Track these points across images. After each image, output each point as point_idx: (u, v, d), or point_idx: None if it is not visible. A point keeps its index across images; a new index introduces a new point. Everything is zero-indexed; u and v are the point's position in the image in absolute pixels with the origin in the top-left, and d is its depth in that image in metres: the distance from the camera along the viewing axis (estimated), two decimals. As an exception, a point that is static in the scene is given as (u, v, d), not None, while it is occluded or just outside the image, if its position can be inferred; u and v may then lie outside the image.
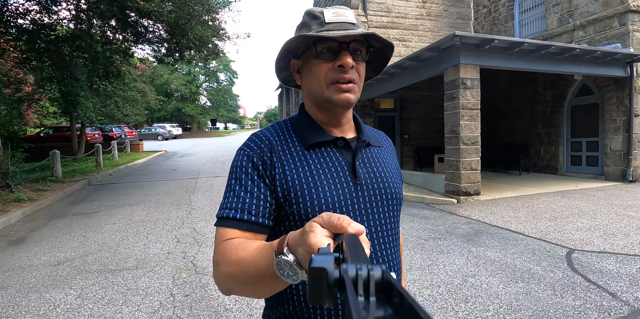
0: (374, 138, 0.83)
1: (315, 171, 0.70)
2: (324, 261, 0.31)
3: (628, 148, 7.32)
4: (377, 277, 0.27)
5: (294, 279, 0.47)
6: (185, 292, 2.82)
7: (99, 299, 2.76)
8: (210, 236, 4.30)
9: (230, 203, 0.68)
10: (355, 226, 0.42)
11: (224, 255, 0.60)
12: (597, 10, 7.83)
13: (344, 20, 0.68)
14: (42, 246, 4.15)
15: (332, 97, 0.70)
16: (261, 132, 0.77)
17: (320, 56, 0.69)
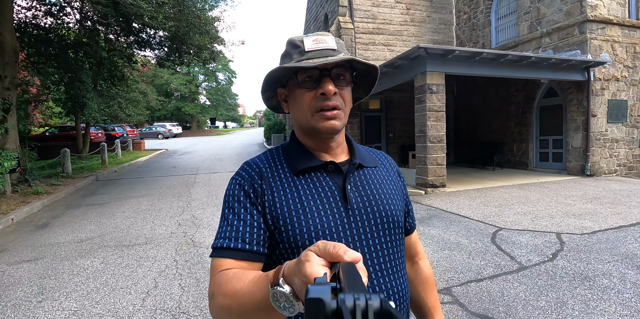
0: (370, 159, 0.81)
1: (304, 198, 0.69)
2: (321, 291, 0.30)
3: (586, 146, 8.08)
4: (376, 307, 0.27)
5: (291, 311, 0.45)
6: (186, 259, 3.60)
7: (118, 264, 3.53)
8: (207, 220, 5.07)
9: (224, 233, 0.67)
10: (351, 254, 0.41)
11: (220, 287, 0.59)
12: (560, 19, 8.57)
13: (324, 47, 0.69)
14: (65, 229, 4.93)
15: (317, 125, 0.70)
16: (252, 160, 0.78)
17: (303, 85, 0.69)
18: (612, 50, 8.24)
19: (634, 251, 3.33)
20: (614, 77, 8.25)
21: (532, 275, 2.92)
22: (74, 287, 3.05)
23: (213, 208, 5.86)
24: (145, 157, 14.82)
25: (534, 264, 3.13)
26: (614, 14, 8.26)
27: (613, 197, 5.74)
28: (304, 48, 0.69)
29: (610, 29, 8.25)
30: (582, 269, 2.99)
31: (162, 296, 2.83)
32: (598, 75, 8.08)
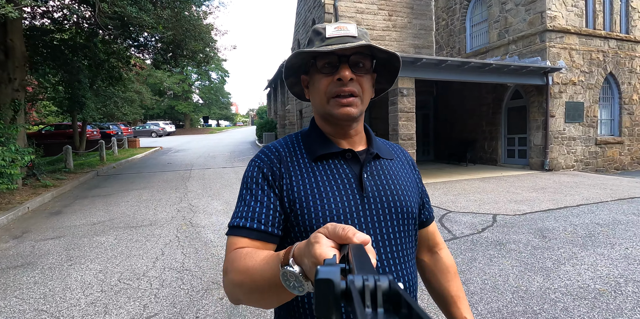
0: (386, 151, 0.83)
1: (321, 183, 0.71)
2: (330, 272, 0.30)
3: (545, 143, 8.97)
4: (385, 287, 0.27)
5: (300, 290, 0.47)
6: (185, 235, 4.34)
7: (129, 239, 4.26)
8: (202, 207, 5.81)
9: (240, 212, 0.69)
10: (360, 236, 0.42)
11: (233, 263, 0.62)
12: (524, 28, 9.43)
13: (344, 34, 0.70)
14: (77, 215, 5.63)
15: (333, 111, 0.71)
16: (272, 144, 0.79)
17: (321, 70, 0.70)
18: (570, 57, 9.13)
19: (547, 226, 4.16)
20: (571, 82, 9.14)
21: (460, 242, 3.72)
22: (96, 255, 3.78)
23: (208, 198, 6.59)
24: (141, 154, 15.43)
25: (464, 235, 3.94)
26: (572, 24, 9.15)
27: (557, 187, 6.60)
28: (325, 35, 0.70)
29: (568, 38, 9.13)
30: (499, 239, 3.81)
31: (169, 260, 3.58)
32: (556, 80, 8.95)
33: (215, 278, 3.12)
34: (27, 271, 3.42)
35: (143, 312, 2.59)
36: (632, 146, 10.31)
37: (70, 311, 2.64)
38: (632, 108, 10.21)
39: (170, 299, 2.76)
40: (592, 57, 9.46)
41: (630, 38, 10.05)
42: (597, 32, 9.52)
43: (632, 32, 10.15)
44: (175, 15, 6.88)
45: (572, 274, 2.90)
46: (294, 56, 0.71)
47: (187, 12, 6.94)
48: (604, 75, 9.67)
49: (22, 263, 3.66)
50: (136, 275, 3.24)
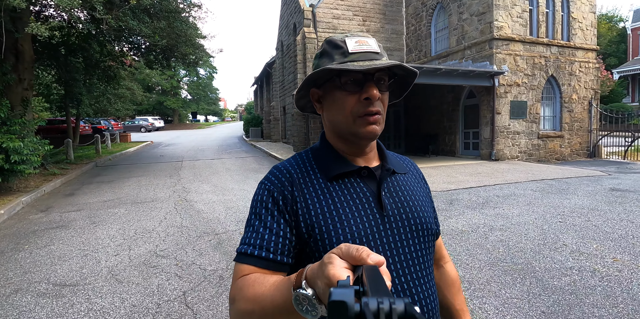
0: (399, 165, 0.80)
1: (339, 204, 0.68)
2: (344, 294, 0.30)
3: (492, 137, 10.36)
4: (400, 311, 0.26)
5: (313, 315, 0.45)
6: (182, 207, 5.54)
7: (137, 210, 5.43)
8: (194, 189, 6.98)
9: (249, 239, 0.67)
10: (374, 257, 0.41)
11: (241, 291, 0.60)
12: (477, 36, 10.77)
13: (367, 50, 0.68)
14: (88, 195, 6.74)
15: (359, 130, 0.69)
16: (282, 164, 0.76)
17: (345, 87, 0.68)
18: (514, 61, 10.51)
19: (459, 198, 5.49)
20: (515, 83, 10.53)
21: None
22: (113, 221, 4.94)
23: (198, 182, 7.76)
24: (133, 148, 16.40)
25: (394, 204, 5.24)
26: (517, 33, 10.52)
27: (490, 172, 7.98)
28: (347, 49, 0.68)
29: (513, 45, 10.50)
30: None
31: (170, 221, 4.77)
32: (502, 82, 10.33)
33: (205, 230, 4.34)
34: (63, 230, 4.58)
35: (156, 249, 3.79)
36: (572, 139, 11.80)
37: (105, 249, 3.82)
38: (571, 106, 11.68)
39: (174, 241, 3.98)
40: (535, 62, 10.86)
41: (570, 45, 11.49)
42: (540, 40, 10.92)
43: (573, 40, 11.58)
44: (169, 25, 7.96)
45: (451, 223, 4.21)
46: (319, 71, 0.67)
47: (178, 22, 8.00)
48: (546, 78, 11.09)
49: (56, 226, 4.81)
50: (147, 230, 4.43)
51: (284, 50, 16.72)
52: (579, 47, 11.63)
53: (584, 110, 11.91)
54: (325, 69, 0.66)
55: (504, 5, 10.29)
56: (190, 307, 2.58)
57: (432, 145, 12.38)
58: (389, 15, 14.12)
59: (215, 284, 2.93)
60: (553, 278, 2.77)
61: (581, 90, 11.78)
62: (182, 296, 2.74)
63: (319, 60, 0.72)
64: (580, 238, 3.62)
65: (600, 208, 4.78)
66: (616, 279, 2.72)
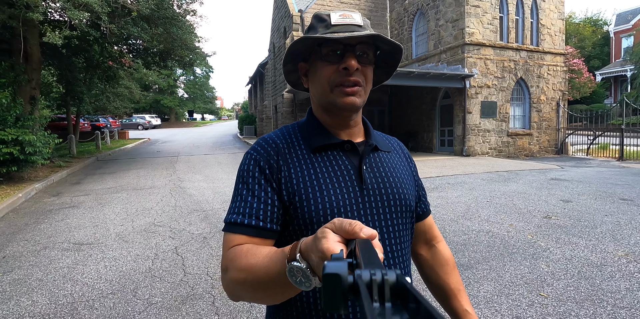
0: (384, 143, 0.82)
1: (320, 175, 0.70)
2: (338, 267, 0.31)
3: (464, 134, 11.26)
4: (392, 282, 0.27)
5: (307, 286, 0.47)
6: (176, 192, 6.39)
7: (138, 195, 6.27)
8: (188, 179, 7.82)
9: (237, 208, 0.68)
10: (367, 231, 0.42)
11: (233, 261, 0.60)
12: (451, 41, 11.66)
13: (350, 22, 0.68)
14: (93, 184, 7.57)
15: (337, 100, 0.69)
16: (268, 135, 0.77)
17: (326, 58, 0.69)
18: (485, 65, 11.41)
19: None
20: (485, 85, 11.43)
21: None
22: (117, 202, 5.78)
23: (192, 173, 8.60)
24: (131, 145, 17.19)
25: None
26: (487, 39, 11.42)
27: (455, 166, 8.87)
28: (330, 21, 0.69)
29: (484, 50, 11.40)
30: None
31: (166, 202, 5.62)
32: (473, 84, 11.22)
33: (195, 208, 5.19)
34: (75, 209, 5.42)
35: (154, 221, 4.64)
36: (540, 137, 12.73)
37: (112, 221, 4.67)
38: (540, 106, 12.60)
39: (169, 216, 4.83)
40: (505, 65, 11.76)
41: (539, 49, 12.41)
42: (510, 45, 11.82)
43: (541, 45, 12.50)
44: (166, 31, 8.77)
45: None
46: (299, 42, 0.69)
47: (175, 28, 8.82)
48: (515, 80, 12.00)
49: (68, 206, 5.65)
50: (146, 209, 5.28)
51: (275, 51, 17.55)
52: (547, 51, 12.56)
53: (552, 110, 12.83)
54: (305, 39, 0.67)
55: (475, 13, 11.18)
56: (179, 255, 3.44)
57: (412, 142, 13.28)
58: (374, 19, 14.98)
59: (200, 242, 3.79)
60: (455, 236, 3.65)
61: (549, 91, 12.70)
62: (174, 249, 3.60)
63: (306, 33, 0.72)
64: (495, 212, 4.51)
65: (529, 192, 5.68)
66: (501, 237, 3.61)
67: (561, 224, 3.99)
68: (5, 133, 6.58)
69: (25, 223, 4.75)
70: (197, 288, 2.76)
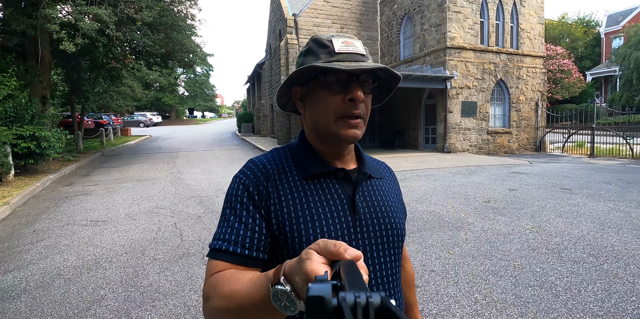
0: (376, 170, 0.81)
1: (312, 204, 0.69)
2: (321, 289, 0.30)
3: (445, 132, 12.04)
4: (376, 304, 0.27)
5: (292, 310, 0.45)
6: (176, 182, 7.19)
7: (142, 184, 7.08)
8: (186, 171, 8.62)
9: (223, 234, 0.66)
10: (352, 252, 0.42)
11: (216, 289, 0.58)
12: (434, 45, 12.41)
13: (353, 51, 0.68)
14: (101, 176, 8.37)
15: (339, 132, 0.69)
16: (258, 158, 0.75)
17: (329, 87, 0.68)
18: (466, 67, 12.16)
19: (388, 176, 7.16)
20: (466, 86, 12.19)
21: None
22: (124, 191, 6.59)
23: (190, 167, 9.40)
24: (133, 141, 17.99)
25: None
26: (468, 42, 12.16)
27: (432, 161, 9.65)
28: (333, 48, 0.68)
29: (465, 53, 12.15)
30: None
31: (167, 190, 6.43)
32: (454, 85, 11.99)
33: (192, 195, 5.99)
34: (88, 196, 6.23)
35: (157, 205, 5.45)
36: (519, 135, 13.50)
37: (121, 205, 5.48)
38: (519, 106, 13.36)
39: (169, 201, 5.64)
40: (485, 67, 12.52)
41: (518, 52, 13.15)
42: (490, 48, 12.57)
43: (521, 48, 13.24)
44: (167, 36, 9.55)
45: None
46: (308, 70, 0.67)
47: (175, 33, 9.60)
48: (495, 81, 12.76)
49: (81, 193, 6.46)
50: (150, 195, 6.09)
51: (271, 52, 18.30)
52: (526, 54, 13.30)
53: (531, 109, 13.60)
54: (310, 67, 0.66)
55: (457, 18, 11.93)
56: (178, 228, 4.25)
57: (399, 140, 14.06)
58: (365, 22, 15.72)
59: (195, 219, 4.60)
60: (404, 214, 4.46)
61: (528, 92, 13.46)
62: (174, 224, 4.40)
63: (303, 58, 0.72)
64: (445, 198, 5.31)
65: (484, 182, 6.48)
66: (440, 215, 4.41)
67: (495, 206, 4.79)
68: (24, 130, 7.38)
69: (47, 207, 5.56)
70: (191, 249, 3.57)
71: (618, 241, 3.47)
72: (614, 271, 2.84)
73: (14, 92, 7.20)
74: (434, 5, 12.30)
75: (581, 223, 4.02)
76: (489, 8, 12.52)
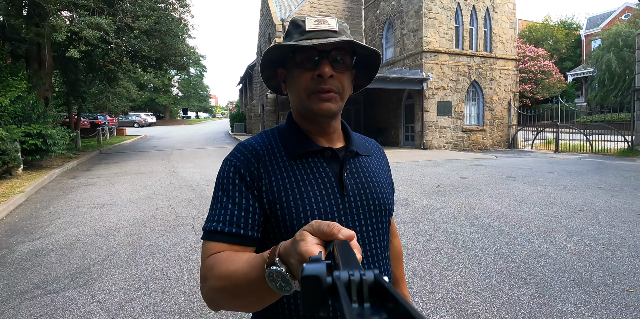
0: (364, 147, 0.83)
1: (302, 183, 0.70)
2: (316, 269, 0.31)
3: (422, 130, 12.94)
4: (370, 281, 0.28)
5: (287, 290, 0.46)
6: (171, 175, 7.99)
7: (140, 177, 7.87)
8: (180, 166, 9.41)
9: (217, 216, 0.67)
10: (345, 232, 0.43)
11: (212, 270, 0.60)
12: (412, 49, 13.31)
13: (325, 28, 0.68)
14: (102, 170, 9.13)
15: (313, 107, 0.70)
16: (248, 141, 0.77)
17: (301, 65, 0.69)
18: (441, 69, 13.08)
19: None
20: (442, 87, 13.11)
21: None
22: (124, 182, 7.37)
23: (184, 162, 10.20)
24: (129, 140, 18.70)
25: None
26: (443, 46, 13.08)
27: (407, 156, 10.53)
28: (304, 28, 0.69)
29: (441, 56, 13.07)
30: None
31: (163, 181, 7.23)
32: (430, 86, 12.89)
33: (185, 184, 6.80)
34: (92, 187, 7.01)
35: (154, 192, 6.25)
36: (493, 133, 14.45)
37: (123, 193, 6.27)
38: (492, 106, 14.31)
39: (165, 189, 6.45)
40: (460, 70, 13.45)
41: (492, 55, 14.10)
42: (464, 52, 13.50)
43: (494, 51, 14.19)
44: (162, 41, 10.34)
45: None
46: (272, 49, 0.69)
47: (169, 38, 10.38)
48: (469, 82, 13.69)
49: (86, 185, 7.23)
50: (148, 185, 6.89)
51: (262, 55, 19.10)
52: (499, 57, 14.26)
53: (504, 109, 14.56)
54: (277, 46, 0.68)
55: (433, 24, 12.84)
56: (173, 208, 5.07)
57: (381, 137, 14.96)
58: (350, 27, 16.56)
59: (187, 202, 5.42)
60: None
61: (501, 92, 14.42)
62: (169, 206, 5.22)
63: (284, 40, 0.73)
64: (403, 184, 6.18)
65: (443, 173, 7.36)
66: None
67: (442, 190, 5.67)
68: (31, 128, 8.13)
69: (57, 195, 6.34)
70: (183, 222, 4.40)
71: (525, 213, 4.36)
72: (507, 231, 3.72)
73: (23, 94, 7.95)
74: (412, 12, 13.20)
75: (504, 201, 4.91)
76: (463, 14, 13.45)
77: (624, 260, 2.97)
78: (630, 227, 3.77)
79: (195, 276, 2.94)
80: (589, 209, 4.47)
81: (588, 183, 6.15)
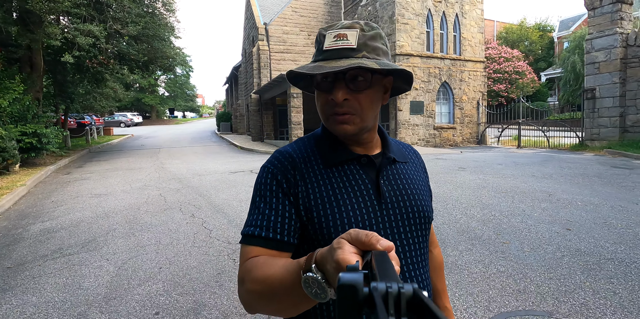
0: (401, 154, 0.82)
1: (337, 190, 0.70)
2: (353, 278, 0.30)
3: (396, 127, 13.88)
4: (408, 295, 0.27)
5: (322, 297, 0.46)
6: (160, 170, 8.71)
7: (130, 172, 8.56)
8: (168, 163, 10.11)
9: (255, 221, 0.69)
10: (384, 243, 0.42)
11: (250, 273, 0.61)
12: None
13: (342, 46, 0.66)
14: (94, 167, 9.77)
15: (332, 128, 0.71)
16: (284, 148, 0.77)
17: (318, 87, 0.70)
18: (413, 71, 14.02)
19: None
20: (414, 88, 14.06)
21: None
22: (116, 176, 8.06)
23: (171, 159, 10.89)
24: (117, 140, 19.18)
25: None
26: (415, 50, 14.03)
27: (379, 152, 11.42)
28: (323, 45, 0.68)
29: (413, 59, 14.02)
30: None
31: (152, 175, 7.95)
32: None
33: (173, 177, 7.53)
34: (87, 181, 7.68)
35: (145, 184, 6.98)
36: (463, 130, 15.49)
37: (117, 185, 6.98)
38: (462, 105, 15.35)
39: (155, 181, 7.18)
40: (431, 71, 14.43)
41: (461, 58, 15.12)
42: (435, 55, 14.48)
43: (463, 54, 15.22)
44: (150, 45, 10.99)
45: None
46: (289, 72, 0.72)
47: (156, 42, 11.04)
48: (440, 83, 14.69)
49: (80, 179, 7.90)
50: (139, 179, 7.60)
51: (246, 56, 19.80)
52: (468, 59, 15.29)
53: (473, 108, 15.61)
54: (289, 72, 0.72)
55: (405, 29, 13.78)
56: (162, 196, 5.83)
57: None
58: (330, 30, 17.42)
59: (175, 191, 6.18)
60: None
61: (470, 92, 15.46)
62: (159, 195, 5.98)
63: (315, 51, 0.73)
64: (366, 174, 7.04)
65: (406, 165, 8.26)
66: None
67: (398, 179, 6.56)
68: (27, 128, 8.73)
69: (55, 188, 7.01)
70: (172, 206, 5.17)
71: (457, 194, 5.27)
72: (439, 208, 4.61)
73: (20, 96, 8.55)
74: (386, 17, 14.12)
75: (444, 186, 5.82)
76: (434, 20, 14.43)
77: (514, 224, 3.88)
78: (536, 203, 4.71)
79: (182, 242, 3.74)
80: (511, 191, 5.41)
81: (526, 172, 7.12)
